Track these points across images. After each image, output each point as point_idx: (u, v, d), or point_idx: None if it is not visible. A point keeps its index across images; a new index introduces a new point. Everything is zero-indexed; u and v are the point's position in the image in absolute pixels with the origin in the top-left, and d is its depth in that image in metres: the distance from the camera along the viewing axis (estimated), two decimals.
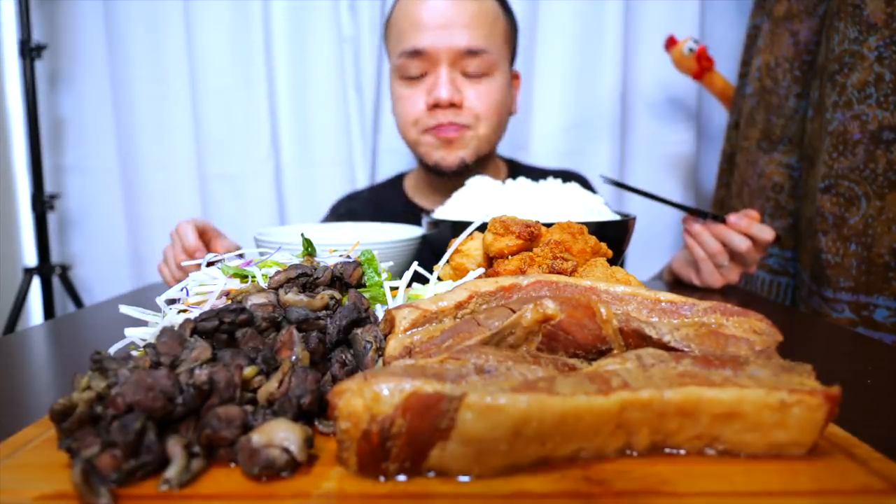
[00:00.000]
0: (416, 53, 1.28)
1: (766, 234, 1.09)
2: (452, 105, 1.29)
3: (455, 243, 0.77)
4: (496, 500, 0.36)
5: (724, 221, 1.11)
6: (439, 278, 0.75)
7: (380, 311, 0.62)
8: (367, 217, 1.43)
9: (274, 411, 0.43)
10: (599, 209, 1.01)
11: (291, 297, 0.54)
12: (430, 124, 1.32)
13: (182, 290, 0.66)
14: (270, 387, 0.43)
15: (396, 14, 1.35)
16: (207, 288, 0.66)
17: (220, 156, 1.94)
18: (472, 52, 1.28)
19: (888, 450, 0.41)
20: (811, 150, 1.42)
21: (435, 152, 1.34)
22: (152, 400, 0.39)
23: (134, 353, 0.57)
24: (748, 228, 1.09)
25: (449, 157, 1.33)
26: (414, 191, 1.52)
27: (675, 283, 1.26)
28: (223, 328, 0.48)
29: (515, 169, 1.54)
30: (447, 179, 1.37)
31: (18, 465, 0.41)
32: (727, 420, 0.40)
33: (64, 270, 1.92)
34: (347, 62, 1.90)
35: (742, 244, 1.09)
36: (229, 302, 0.55)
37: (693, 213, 1.16)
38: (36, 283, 1.90)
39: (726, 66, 1.83)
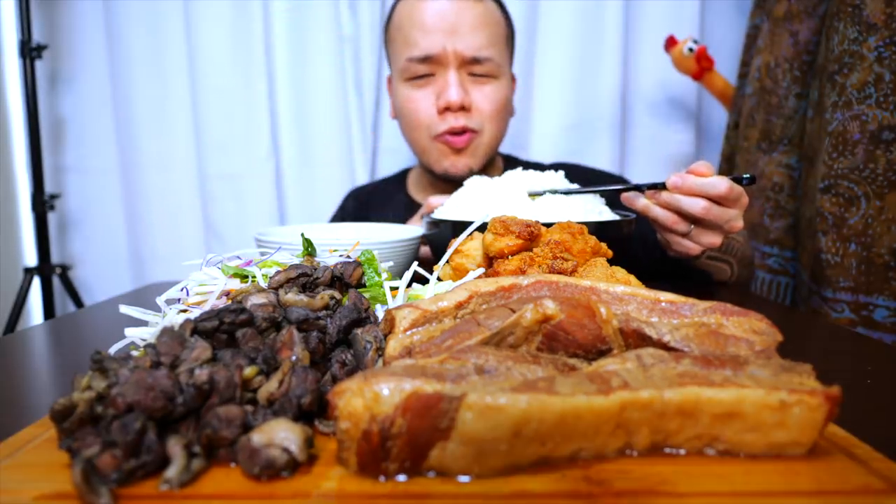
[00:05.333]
0: (425, 59, 1.29)
1: (718, 187, 0.89)
2: (462, 108, 1.30)
3: (455, 243, 0.77)
4: (496, 500, 0.36)
5: (664, 187, 0.93)
6: (439, 278, 0.75)
7: (380, 311, 0.62)
8: (372, 212, 1.44)
9: (274, 411, 0.43)
10: (599, 209, 1.01)
11: (291, 297, 0.54)
12: (440, 129, 1.32)
13: (182, 290, 0.66)
14: (270, 387, 0.43)
15: (399, 17, 1.35)
16: (207, 288, 0.66)
17: (220, 156, 1.94)
18: (478, 60, 1.30)
19: (888, 450, 0.41)
20: (811, 150, 1.42)
21: (444, 160, 1.36)
22: (152, 400, 0.39)
23: (134, 353, 0.57)
24: (692, 189, 0.91)
25: (458, 164, 1.36)
26: (415, 188, 1.53)
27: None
28: (223, 328, 0.48)
29: (512, 164, 1.55)
30: (452, 184, 1.39)
31: (18, 465, 0.40)
32: (727, 420, 0.40)
33: (64, 270, 1.92)
34: (347, 62, 1.90)
35: (695, 206, 0.91)
36: (229, 302, 0.55)
37: (627, 191, 0.99)
38: (36, 283, 1.90)
39: (726, 66, 1.83)
